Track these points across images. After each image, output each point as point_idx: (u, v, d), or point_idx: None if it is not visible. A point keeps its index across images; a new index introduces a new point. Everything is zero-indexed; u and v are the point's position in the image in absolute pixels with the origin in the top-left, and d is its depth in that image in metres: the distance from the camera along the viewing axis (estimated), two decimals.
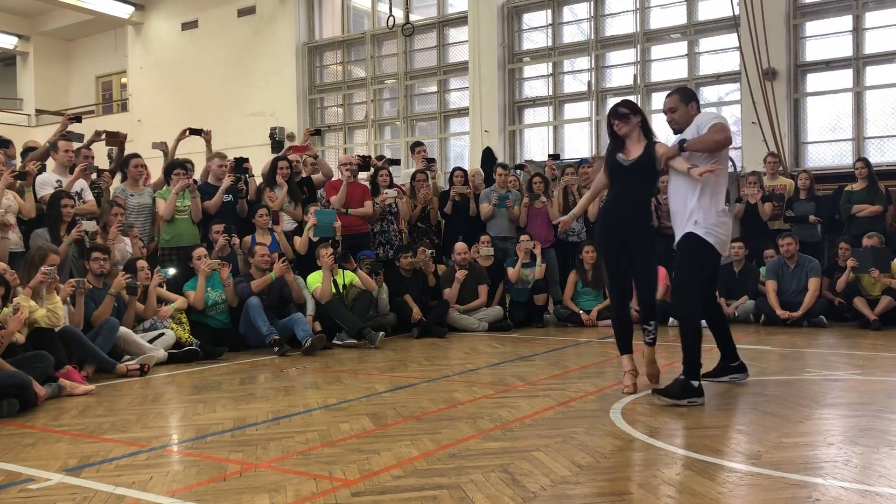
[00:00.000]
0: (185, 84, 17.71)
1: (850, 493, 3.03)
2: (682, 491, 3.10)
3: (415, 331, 8.17)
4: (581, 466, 3.45)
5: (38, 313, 5.47)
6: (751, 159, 11.51)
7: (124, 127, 11.00)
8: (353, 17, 16.57)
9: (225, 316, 7.40)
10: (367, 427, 4.23)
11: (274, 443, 3.94)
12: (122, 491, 3.22)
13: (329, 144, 16.74)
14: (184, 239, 7.71)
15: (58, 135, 7.56)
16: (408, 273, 8.55)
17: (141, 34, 18.83)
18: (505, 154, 13.85)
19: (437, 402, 4.87)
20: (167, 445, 4.01)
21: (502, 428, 4.17)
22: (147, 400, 5.17)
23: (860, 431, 3.91)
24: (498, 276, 9.03)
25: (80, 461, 3.67)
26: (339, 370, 6.25)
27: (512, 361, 6.51)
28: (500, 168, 9.67)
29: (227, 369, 6.36)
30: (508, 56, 14.29)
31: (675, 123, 5.01)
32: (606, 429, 4.14)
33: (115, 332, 6.20)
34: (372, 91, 15.94)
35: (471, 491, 3.12)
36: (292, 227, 8.47)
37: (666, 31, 13.16)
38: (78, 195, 7.14)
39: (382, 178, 9.15)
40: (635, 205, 5.07)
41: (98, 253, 6.46)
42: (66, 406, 4.97)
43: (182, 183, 7.61)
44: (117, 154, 8.62)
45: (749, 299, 8.86)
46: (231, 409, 4.81)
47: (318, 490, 3.18)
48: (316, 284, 7.73)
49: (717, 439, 3.90)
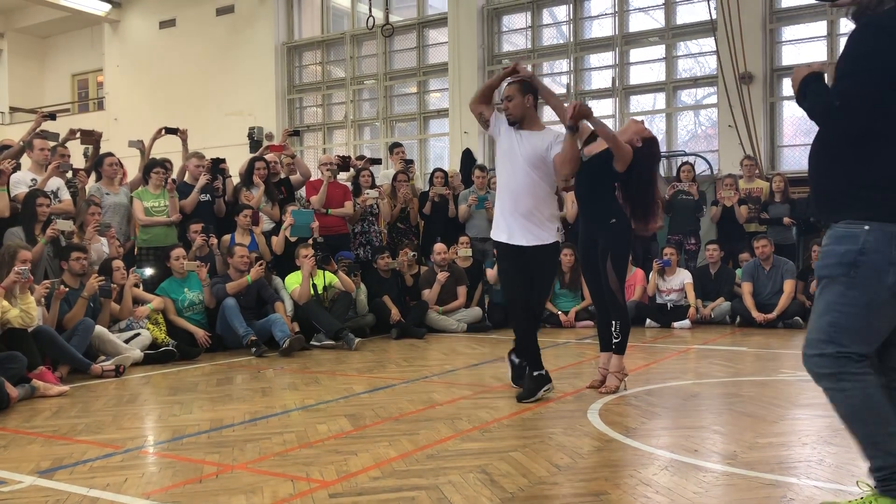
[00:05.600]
0: (163, 83, 17.56)
1: (824, 493, 3.07)
2: (659, 491, 3.12)
3: (393, 332, 8.16)
4: (559, 467, 3.46)
5: (12, 313, 5.40)
6: (727, 162, 11.62)
7: (100, 125, 10.91)
8: (333, 17, 16.51)
9: (202, 316, 7.35)
10: (345, 428, 4.22)
11: (251, 444, 3.92)
12: (96, 493, 3.19)
13: (308, 144, 16.67)
14: (161, 239, 7.66)
15: (31, 133, 7.48)
16: (386, 274, 8.54)
17: (118, 32, 18.64)
18: (484, 155, 13.87)
19: (415, 402, 4.87)
20: (142, 447, 3.97)
21: (480, 429, 4.17)
22: (122, 401, 5.12)
23: (833, 432, 3.95)
24: (477, 278, 9.04)
25: (54, 463, 3.63)
26: (317, 371, 6.23)
27: (490, 362, 6.52)
28: (478, 170, 9.69)
29: (203, 370, 6.31)
30: (488, 58, 14.32)
31: (509, 112, 5.01)
32: (584, 429, 4.15)
33: (91, 333, 6.13)
34: (351, 91, 15.90)
35: (449, 492, 3.12)
36: (270, 227, 8.44)
37: (644, 34, 13.25)
38: (54, 194, 7.05)
39: (364, 178, 9.12)
40: (593, 202, 5.11)
41: (78, 252, 6.40)
42: (39, 407, 4.90)
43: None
44: (92, 153, 8.54)
45: (725, 301, 8.95)
46: (208, 410, 4.78)
47: (295, 491, 3.17)
48: (294, 285, 7.70)
49: (694, 439, 3.93)
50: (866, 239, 2.50)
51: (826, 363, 2.57)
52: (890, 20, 2.52)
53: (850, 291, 2.52)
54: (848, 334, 2.52)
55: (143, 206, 7.72)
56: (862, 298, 2.50)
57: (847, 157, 2.60)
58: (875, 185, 2.54)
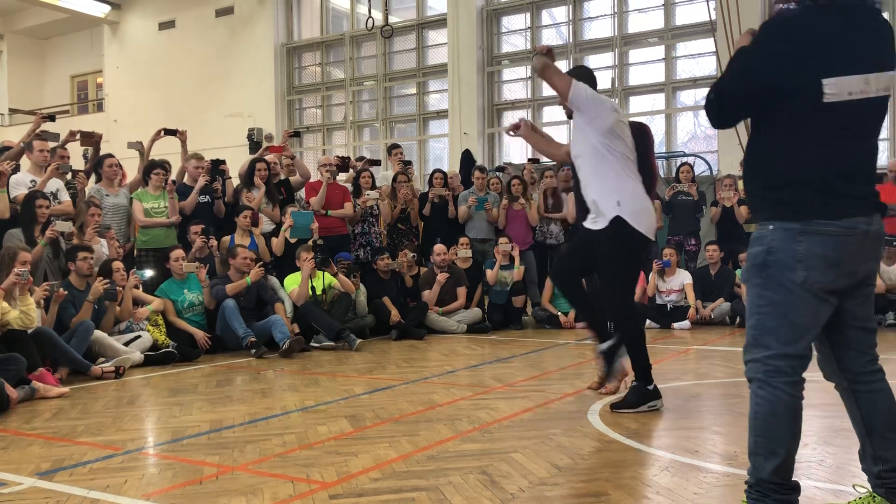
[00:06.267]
0: (162, 84, 17.56)
1: (825, 493, 3.07)
2: (659, 492, 3.11)
3: (393, 333, 8.16)
4: (559, 468, 3.46)
5: (11, 315, 5.39)
6: (727, 163, 11.61)
7: (100, 127, 10.89)
8: (332, 19, 16.52)
9: (202, 318, 7.34)
10: (345, 429, 4.22)
11: (251, 445, 3.92)
12: (96, 495, 3.18)
13: (308, 145, 16.68)
14: (160, 240, 7.66)
15: (31, 134, 7.48)
16: (386, 275, 8.54)
17: (117, 34, 18.64)
18: (484, 156, 13.88)
19: (415, 403, 4.86)
20: (142, 448, 3.97)
21: (481, 429, 4.17)
22: (122, 402, 5.12)
23: (834, 432, 3.95)
24: (476, 278, 9.03)
25: (53, 465, 3.62)
26: (317, 372, 6.22)
27: (490, 363, 6.52)
28: (478, 171, 9.69)
29: (203, 371, 6.31)
30: (487, 59, 14.33)
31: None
32: (585, 430, 4.15)
33: (90, 334, 6.13)
34: (351, 92, 15.90)
35: (449, 493, 3.12)
36: (270, 228, 8.43)
37: (644, 35, 13.26)
38: (53, 195, 7.05)
39: (364, 179, 9.13)
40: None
41: (85, 252, 6.41)
42: (39, 409, 4.90)
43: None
44: (92, 154, 8.53)
45: (725, 301, 8.94)
46: (207, 411, 4.77)
47: (295, 493, 3.16)
48: (293, 286, 7.70)
49: (694, 440, 3.93)
50: (771, 238, 2.52)
51: (754, 369, 2.58)
52: (800, 14, 2.53)
53: (765, 292, 2.53)
54: (770, 334, 2.52)
55: (142, 208, 7.71)
56: (776, 297, 2.51)
57: (752, 160, 2.65)
58: (773, 185, 2.56)
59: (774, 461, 2.51)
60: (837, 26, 2.46)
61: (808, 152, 2.50)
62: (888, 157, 10.75)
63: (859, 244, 2.50)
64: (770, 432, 2.53)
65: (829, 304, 2.54)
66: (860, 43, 2.47)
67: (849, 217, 2.48)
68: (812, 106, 2.47)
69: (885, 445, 2.64)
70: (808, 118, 2.49)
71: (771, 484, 2.52)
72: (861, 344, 2.65)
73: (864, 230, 2.50)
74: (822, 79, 2.43)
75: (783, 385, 2.52)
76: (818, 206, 2.48)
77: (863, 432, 2.68)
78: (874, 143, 2.60)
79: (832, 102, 2.45)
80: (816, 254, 2.47)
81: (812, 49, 2.45)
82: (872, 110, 2.52)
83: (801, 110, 2.50)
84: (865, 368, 2.65)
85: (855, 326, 2.63)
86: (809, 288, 2.48)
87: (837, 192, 2.48)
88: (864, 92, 2.45)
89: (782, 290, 2.50)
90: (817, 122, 2.48)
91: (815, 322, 2.54)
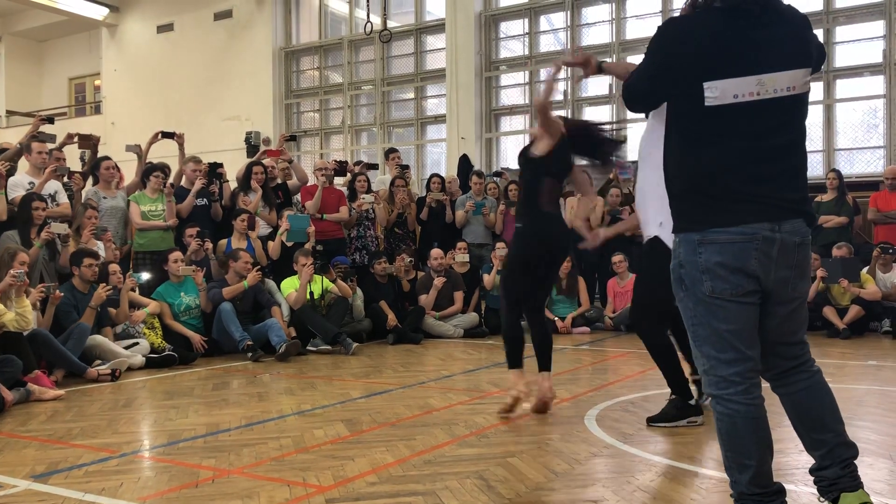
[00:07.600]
0: (160, 87, 17.54)
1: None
2: (656, 497, 3.11)
3: (390, 337, 8.15)
4: (556, 473, 3.46)
5: (7, 317, 5.38)
6: None
7: (97, 129, 10.89)
8: (331, 23, 16.53)
9: (198, 321, 7.33)
10: (342, 433, 4.21)
11: (247, 449, 3.91)
12: (92, 498, 3.17)
13: (305, 149, 16.66)
14: (157, 243, 7.65)
15: (29, 136, 7.48)
16: (383, 279, 8.54)
17: (115, 36, 18.62)
18: (481, 161, 13.88)
19: (412, 408, 4.86)
20: (138, 451, 3.96)
21: (477, 434, 4.17)
22: (118, 405, 5.11)
23: None
24: (473, 283, 9.04)
25: (49, 467, 3.61)
26: (314, 376, 6.21)
27: (487, 368, 6.52)
28: (476, 176, 9.70)
29: (199, 375, 6.30)
30: (485, 64, 14.34)
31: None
32: (581, 435, 4.15)
33: (86, 336, 6.12)
34: (349, 97, 15.91)
35: (446, 497, 3.12)
36: (267, 231, 8.43)
37: (641, 41, 13.27)
38: (51, 197, 7.05)
39: (360, 183, 9.13)
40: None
41: (90, 259, 6.40)
42: (34, 411, 4.88)
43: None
44: (90, 157, 8.53)
45: None
46: (204, 414, 4.76)
47: (291, 496, 3.16)
48: (290, 290, 7.69)
49: (691, 446, 3.93)
50: (678, 252, 2.49)
51: (707, 382, 2.54)
52: (682, 20, 2.53)
53: (688, 303, 2.51)
54: (707, 344, 2.48)
55: (139, 210, 7.71)
56: (698, 308, 2.47)
57: (664, 167, 2.61)
58: (674, 193, 2.54)
59: (748, 473, 2.48)
60: (726, 29, 2.38)
61: (700, 157, 2.44)
62: (884, 164, 10.78)
63: (764, 251, 2.39)
64: (736, 447, 2.49)
65: (750, 305, 2.45)
66: (756, 44, 2.38)
67: (748, 223, 2.38)
68: (697, 110, 2.41)
69: (812, 445, 2.61)
70: (694, 123, 2.44)
71: (752, 495, 2.50)
72: (783, 353, 2.58)
73: (767, 237, 2.39)
74: (703, 82, 2.37)
75: (736, 396, 2.46)
76: (712, 215, 2.41)
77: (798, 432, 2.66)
78: (786, 144, 2.44)
79: (716, 106, 2.38)
80: (716, 262, 2.40)
81: (693, 54, 2.39)
82: (776, 111, 2.40)
83: (688, 116, 2.45)
84: (785, 367, 2.59)
85: (776, 342, 2.55)
86: (720, 296, 2.42)
87: (734, 198, 2.40)
88: (755, 94, 2.36)
89: (700, 302, 2.46)
90: (705, 126, 2.42)
91: (741, 326, 2.45)
